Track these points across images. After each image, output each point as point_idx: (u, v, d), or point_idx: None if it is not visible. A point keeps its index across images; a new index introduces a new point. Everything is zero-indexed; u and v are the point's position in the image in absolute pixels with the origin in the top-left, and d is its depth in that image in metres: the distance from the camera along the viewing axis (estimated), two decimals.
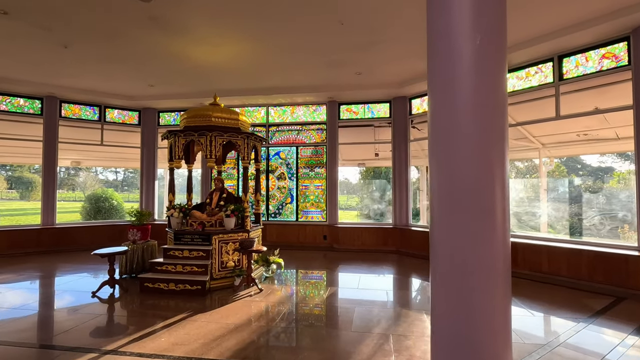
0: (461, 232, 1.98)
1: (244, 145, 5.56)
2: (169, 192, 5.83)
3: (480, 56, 1.97)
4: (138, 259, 5.69)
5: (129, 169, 25.49)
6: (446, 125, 2.06)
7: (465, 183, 1.98)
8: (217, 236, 5.23)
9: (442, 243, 2.07)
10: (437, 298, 2.10)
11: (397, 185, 8.46)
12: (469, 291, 1.95)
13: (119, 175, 30.37)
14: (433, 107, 2.16)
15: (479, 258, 1.95)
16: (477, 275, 1.95)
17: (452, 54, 2.02)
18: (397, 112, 8.49)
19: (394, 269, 6.42)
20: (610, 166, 11.45)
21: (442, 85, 2.08)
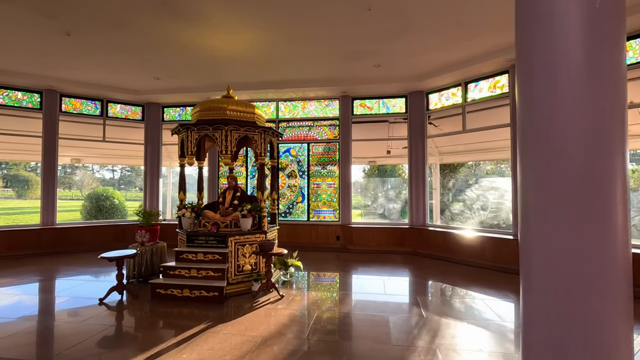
0: (570, 238, 1.62)
1: (261, 140, 5.19)
2: (180, 190, 5.46)
3: (598, 23, 1.60)
4: (147, 262, 5.31)
5: (126, 167, 24.99)
6: (547, 112, 1.69)
7: (574, 181, 1.62)
8: (233, 238, 4.86)
9: (540, 251, 1.72)
10: (534, 315, 1.75)
11: (413, 184, 8.11)
12: (578, 307, 1.60)
13: (115, 174, 29.87)
14: (527, 90, 1.79)
15: (594, 269, 1.59)
16: (592, 288, 1.59)
17: (557, 22, 1.65)
18: (414, 108, 8.14)
19: (417, 272, 6.08)
20: None
21: (541, 63, 1.71)
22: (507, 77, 6.58)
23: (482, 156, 9.07)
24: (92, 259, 6.95)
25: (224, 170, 9.00)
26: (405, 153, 9.89)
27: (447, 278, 5.66)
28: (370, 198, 9.42)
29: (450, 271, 6.13)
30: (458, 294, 4.81)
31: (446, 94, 7.67)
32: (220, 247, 4.81)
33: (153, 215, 5.68)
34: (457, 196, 8.36)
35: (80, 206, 11.44)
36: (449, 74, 7.08)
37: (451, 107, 7.57)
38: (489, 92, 6.90)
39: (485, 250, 6.46)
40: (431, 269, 6.35)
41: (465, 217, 7.66)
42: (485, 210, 7.37)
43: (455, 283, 5.35)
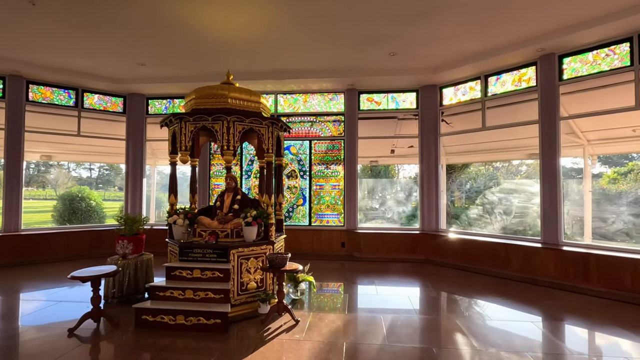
0: None
1: (268, 134, 4.41)
2: (170, 193, 4.61)
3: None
4: (130, 279, 4.44)
5: (104, 165, 23.55)
6: None
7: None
8: (236, 250, 4.06)
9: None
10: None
11: (425, 186, 7.47)
12: None
13: (93, 172, 28.19)
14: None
15: None
16: None
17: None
18: (426, 103, 7.50)
19: (440, 285, 5.42)
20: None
21: None
22: (535, 69, 6.01)
23: (499, 156, 8.52)
24: (64, 271, 5.98)
25: (216, 170, 8.14)
26: (410, 152, 9.29)
27: (475, 292, 5.02)
28: (378, 201, 8.72)
29: (475, 283, 5.49)
30: (499, 315, 4.16)
31: (463, 88, 7.07)
32: (221, 261, 4.00)
33: (138, 222, 4.80)
34: (476, 199, 7.77)
35: (52, 207, 10.30)
36: (467, 66, 6.47)
37: (468, 102, 6.96)
38: (512, 86, 6.32)
39: (511, 259, 5.86)
40: (452, 280, 5.70)
41: (484, 222, 7.06)
42: (509, 214, 6.79)
43: (487, 298, 4.71)
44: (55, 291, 4.97)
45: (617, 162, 8.90)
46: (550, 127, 5.81)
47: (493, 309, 4.35)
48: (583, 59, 5.49)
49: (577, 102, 5.93)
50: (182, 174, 11.48)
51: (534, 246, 5.67)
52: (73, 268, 6.48)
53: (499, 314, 4.17)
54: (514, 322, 3.89)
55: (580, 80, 5.53)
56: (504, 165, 9.39)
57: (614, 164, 8.85)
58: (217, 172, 8.12)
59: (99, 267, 3.86)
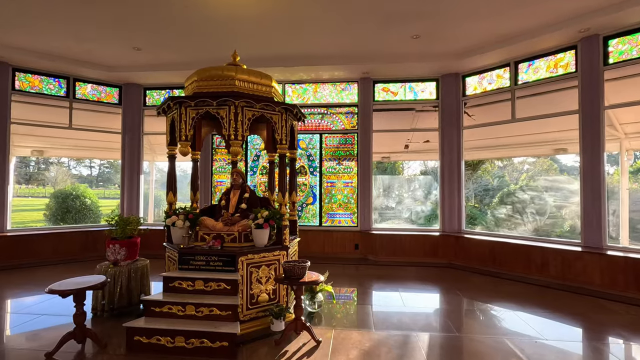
0: None
1: (281, 122, 3.81)
2: (169, 190, 4.02)
3: None
4: (122, 290, 3.85)
5: (104, 162, 23.00)
6: None
7: None
8: (245, 257, 3.47)
9: None
10: None
11: (446, 183, 6.88)
12: None
13: (93, 170, 27.64)
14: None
15: None
16: None
17: None
18: (447, 93, 6.90)
19: (473, 294, 4.83)
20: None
21: None
22: (575, 53, 5.40)
23: (522, 151, 7.91)
24: (51, 277, 5.41)
25: (219, 166, 7.55)
26: (426, 148, 8.70)
27: (514, 302, 4.42)
28: (395, 199, 8.12)
29: (511, 292, 4.90)
30: (553, 332, 3.57)
31: (489, 76, 6.46)
32: (228, 270, 3.41)
33: (132, 223, 4.21)
34: (493, 198, 7.17)
35: (45, 207, 9.71)
36: (495, 51, 5.87)
37: (494, 92, 6.36)
38: (547, 73, 5.72)
39: (548, 264, 5.27)
40: (483, 288, 5.11)
41: (514, 223, 6.47)
42: (543, 215, 6.19)
43: (531, 310, 4.12)
44: (38, 301, 4.39)
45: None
46: (592, 117, 5.21)
47: (543, 324, 3.76)
48: (632, 40, 4.88)
49: (617, 90, 5.33)
50: (182, 171, 10.89)
51: (574, 250, 5.08)
52: (62, 273, 5.97)
53: (552, 330, 3.58)
54: (575, 343, 3.31)
55: (629, 64, 4.92)
56: (510, 162, 8.77)
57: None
58: (220, 168, 7.53)
59: (85, 277, 3.27)
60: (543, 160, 7.76)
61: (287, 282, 3.17)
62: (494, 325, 3.73)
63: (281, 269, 3.73)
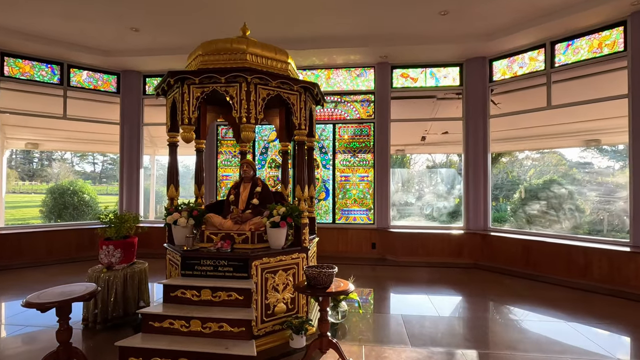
0: None
1: (300, 104, 3.28)
2: (170, 183, 3.50)
3: None
4: (116, 297, 3.35)
5: (107, 159, 22.60)
6: None
7: None
8: (259, 261, 2.96)
9: None
10: None
11: (470, 178, 6.33)
12: None
13: (97, 167, 27.22)
14: None
15: None
16: None
17: None
18: (472, 79, 6.33)
19: (511, 301, 4.30)
20: None
21: None
22: (624, 30, 4.82)
23: (549, 143, 7.33)
24: (44, 279, 4.93)
25: (224, 159, 7.02)
26: (445, 140, 8.16)
27: (562, 311, 3.89)
28: (414, 195, 7.57)
29: (552, 297, 4.37)
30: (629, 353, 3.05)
31: (520, 59, 5.88)
32: (239, 277, 2.90)
33: (128, 221, 3.70)
34: (538, 193, 6.62)
35: (41, 202, 9.23)
36: (529, 30, 5.30)
37: (526, 76, 5.79)
38: (589, 53, 5.14)
39: (592, 266, 4.73)
40: (520, 293, 4.58)
41: (549, 220, 5.92)
42: (582, 211, 5.64)
43: (586, 321, 3.59)
44: (23, 310, 3.88)
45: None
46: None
47: (607, 339, 3.23)
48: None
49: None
50: (184, 167, 10.39)
51: (622, 250, 4.54)
52: (54, 275, 5.39)
53: (620, 347, 3.06)
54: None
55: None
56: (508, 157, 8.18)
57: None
58: (226, 161, 7.01)
59: (72, 286, 2.76)
60: (552, 155, 7.21)
61: (311, 292, 2.65)
62: (552, 341, 3.19)
63: (301, 275, 3.22)
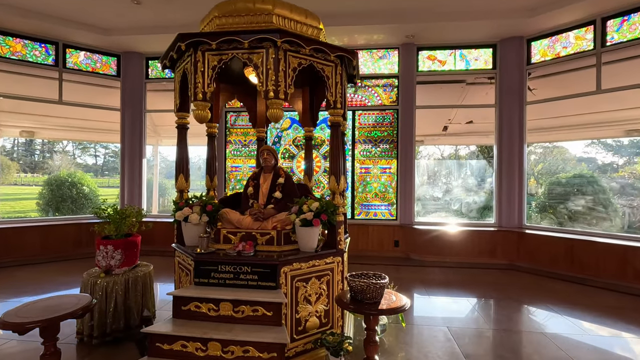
0: None
1: (335, 77, 2.73)
2: (179, 173, 2.97)
3: None
4: (116, 307, 2.83)
5: (108, 149, 22.16)
6: None
7: None
8: (289, 267, 2.43)
9: None
10: None
11: (504, 170, 5.77)
12: None
13: (99, 159, 26.78)
14: None
15: None
16: None
17: None
18: (507, 61, 5.75)
19: (570, 310, 3.77)
20: None
21: None
22: None
23: (587, 134, 6.75)
24: (37, 280, 4.44)
25: (234, 149, 6.47)
26: (469, 130, 7.62)
27: (633, 322, 3.37)
28: (441, 188, 7.02)
29: (615, 306, 3.84)
30: None
31: (564, 38, 5.29)
32: (266, 286, 2.37)
33: (130, 216, 3.17)
34: (567, 189, 6.07)
35: (38, 195, 8.73)
36: (576, 4, 4.70)
37: (570, 57, 5.20)
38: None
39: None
40: (576, 299, 4.05)
41: (596, 218, 5.38)
42: (636, 208, 5.09)
43: None
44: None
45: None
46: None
47: None
48: None
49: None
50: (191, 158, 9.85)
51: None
52: (49, 274, 4.69)
53: None
54: None
55: None
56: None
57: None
58: (236, 151, 6.46)
59: (61, 296, 2.24)
60: (554, 148, 6.70)
61: (357, 309, 2.11)
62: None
63: (336, 283, 2.69)
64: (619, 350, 2.86)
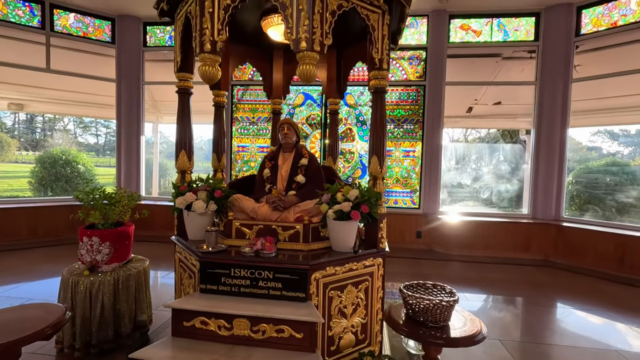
0: None
1: (381, 29, 2.11)
2: (180, 148, 2.39)
3: None
4: (104, 313, 2.31)
5: (110, 128, 21.62)
6: None
7: None
8: (320, 273, 1.88)
9: None
10: None
11: (541, 155, 5.18)
12: None
13: (100, 138, 26.26)
14: None
15: None
16: None
17: None
18: (552, 32, 5.06)
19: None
20: None
21: None
22: None
23: (621, 118, 6.11)
24: (22, 268, 3.94)
25: (241, 127, 5.86)
26: (495, 113, 6.98)
27: None
28: (470, 175, 6.42)
29: None
30: None
31: (623, 4, 4.59)
32: (292, 297, 1.83)
33: (121, 201, 2.60)
34: (599, 177, 5.50)
35: (29, 173, 8.18)
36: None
37: (630, 26, 4.53)
38: None
39: None
40: None
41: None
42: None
43: None
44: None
45: None
46: None
47: None
48: None
49: None
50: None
51: None
52: (36, 262, 4.22)
53: None
54: None
55: None
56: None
57: None
58: (243, 129, 5.86)
59: (25, 307, 1.71)
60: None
61: (415, 333, 1.57)
62: None
63: (376, 290, 2.16)
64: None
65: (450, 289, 1.68)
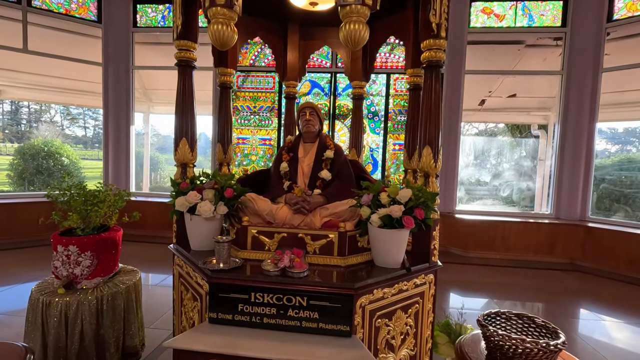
0: None
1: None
2: (181, 136, 1.92)
3: None
4: (84, 339, 1.84)
5: (99, 123, 20.96)
6: None
7: None
8: (367, 298, 1.45)
9: None
10: None
11: (566, 151, 4.82)
12: None
13: (88, 131, 25.39)
14: None
15: None
16: None
17: None
18: (581, 17, 4.68)
19: None
20: None
21: None
22: None
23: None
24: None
25: (242, 116, 5.38)
26: (508, 106, 6.63)
27: None
28: (490, 171, 6.04)
29: None
30: None
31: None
32: (333, 330, 1.39)
33: (106, 200, 2.12)
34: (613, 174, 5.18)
35: (8, 165, 7.56)
36: None
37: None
38: None
39: None
40: None
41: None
42: None
43: None
44: None
45: None
46: None
47: None
48: None
49: None
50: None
51: None
52: (9, 264, 3.75)
53: None
54: None
55: None
56: None
57: None
58: (243, 119, 5.37)
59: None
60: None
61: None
62: None
63: (427, 313, 1.73)
64: None
65: (553, 326, 1.27)
